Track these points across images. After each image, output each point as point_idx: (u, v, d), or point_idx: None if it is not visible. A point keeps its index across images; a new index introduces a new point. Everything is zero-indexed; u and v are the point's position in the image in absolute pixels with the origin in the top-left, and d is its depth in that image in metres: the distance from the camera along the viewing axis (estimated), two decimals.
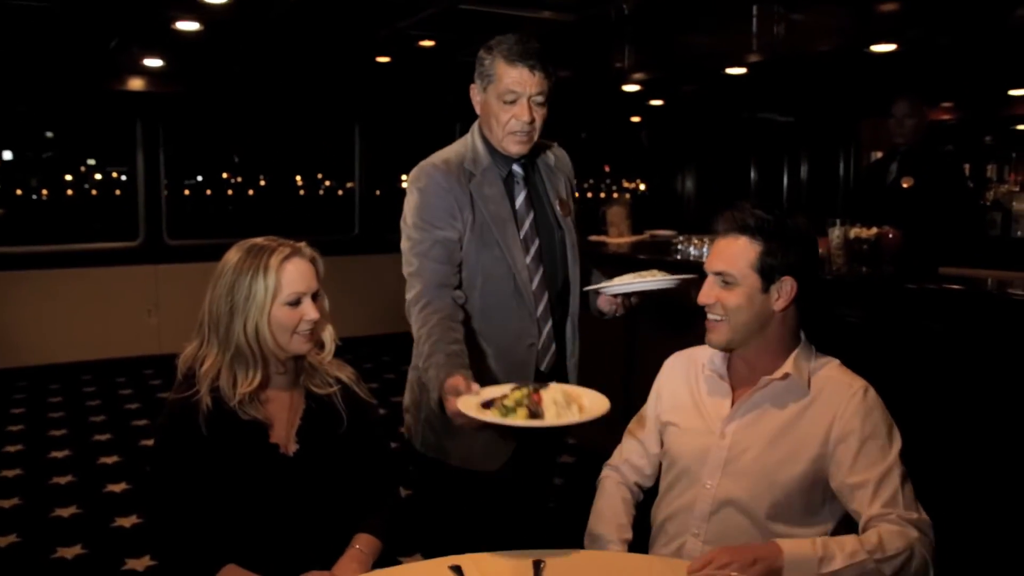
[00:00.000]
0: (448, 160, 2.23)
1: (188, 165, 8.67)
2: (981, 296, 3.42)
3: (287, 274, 1.85)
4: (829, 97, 7.84)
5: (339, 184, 9.66)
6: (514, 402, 1.69)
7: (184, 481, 1.80)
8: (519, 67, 2.12)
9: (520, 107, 2.14)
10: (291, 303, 1.85)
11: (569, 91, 7.65)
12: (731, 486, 1.81)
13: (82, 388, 6.57)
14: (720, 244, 1.83)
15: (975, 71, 6.56)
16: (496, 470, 2.23)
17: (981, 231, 6.13)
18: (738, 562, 1.50)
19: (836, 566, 1.56)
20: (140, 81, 6.97)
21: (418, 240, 2.17)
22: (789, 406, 1.81)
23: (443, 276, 2.15)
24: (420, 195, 2.19)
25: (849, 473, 1.72)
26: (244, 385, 1.84)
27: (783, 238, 1.79)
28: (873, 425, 1.76)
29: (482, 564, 1.62)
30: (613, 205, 5.63)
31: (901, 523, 1.65)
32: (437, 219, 2.17)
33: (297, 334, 1.87)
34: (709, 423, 1.88)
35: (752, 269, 1.78)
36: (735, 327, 1.82)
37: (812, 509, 1.78)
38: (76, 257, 7.02)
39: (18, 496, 4.34)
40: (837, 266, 3.92)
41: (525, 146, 2.21)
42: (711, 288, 1.83)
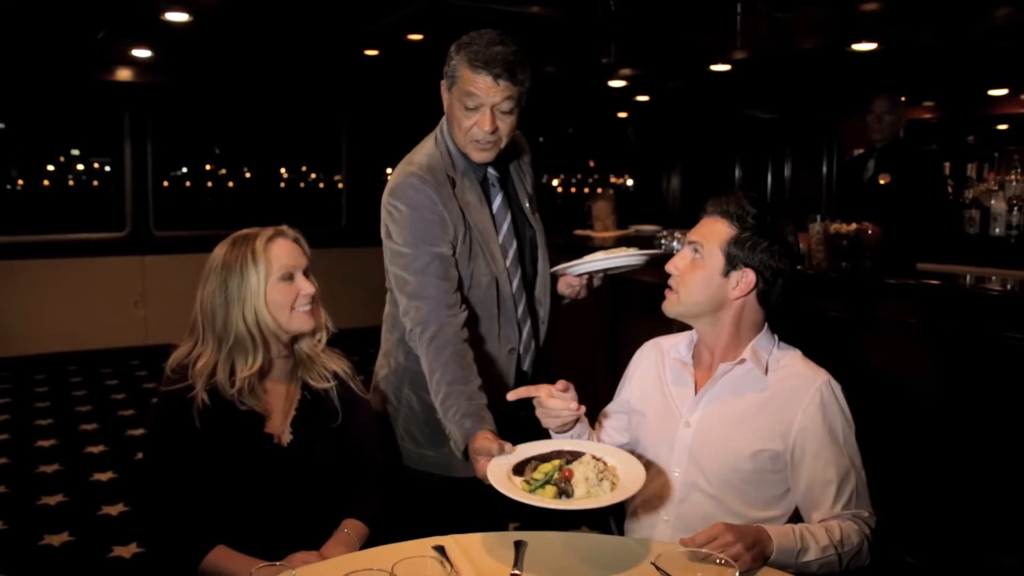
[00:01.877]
0: (432, 168, 2.10)
1: (174, 156, 8.65)
2: (958, 291, 3.49)
3: (274, 252, 1.89)
4: (812, 95, 7.89)
5: (326, 176, 9.66)
6: (544, 475, 1.63)
7: (176, 470, 1.83)
8: (482, 74, 1.97)
9: (482, 116, 2.01)
10: (284, 278, 1.89)
11: (556, 86, 7.69)
12: (697, 473, 1.86)
13: (68, 378, 6.57)
14: (704, 220, 1.88)
15: (957, 70, 6.63)
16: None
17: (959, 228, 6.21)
18: (741, 542, 1.54)
19: (810, 557, 1.66)
20: (128, 72, 6.96)
21: (414, 257, 2.04)
22: (748, 394, 1.85)
23: (447, 295, 2.04)
24: (411, 211, 2.05)
25: (811, 471, 1.79)
26: (244, 370, 1.87)
27: (758, 232, 1.82)
28: (832, 423, 1.81)
29: (464, 544, 1.66)
30: (598, 200, 5.69)
31: (857, 521, 1.77)
32: (431, 235, 2.05)
33: (296, 310, 1.91)
34: (675, 411, 1.93)
35: (720, 249, 1.83)
36: (685, 303, 1.87)
37: (773, 498, 1.84)
38: (62, 247, 7.01)
39: (5, 484, 4.36)
40: (817, 260, 3.98)
41: (488, 154, 2.09)
42: (681, 258, 1.88)
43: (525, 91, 2.04)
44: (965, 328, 3.31)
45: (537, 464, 1.67)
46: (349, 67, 7.33)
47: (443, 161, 2.12)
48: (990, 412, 3.15)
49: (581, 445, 1.75)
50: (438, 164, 2.11)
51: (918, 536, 3.41)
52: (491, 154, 2.09)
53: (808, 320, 3.83)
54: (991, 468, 3.15)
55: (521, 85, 2.01)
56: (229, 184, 9.34)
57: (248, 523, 1.84)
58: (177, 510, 1.82)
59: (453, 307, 2.04)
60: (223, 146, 9.31)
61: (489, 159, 2.11)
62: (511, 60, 1.98)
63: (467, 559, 1.59)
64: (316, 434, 1.96)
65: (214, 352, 1.88)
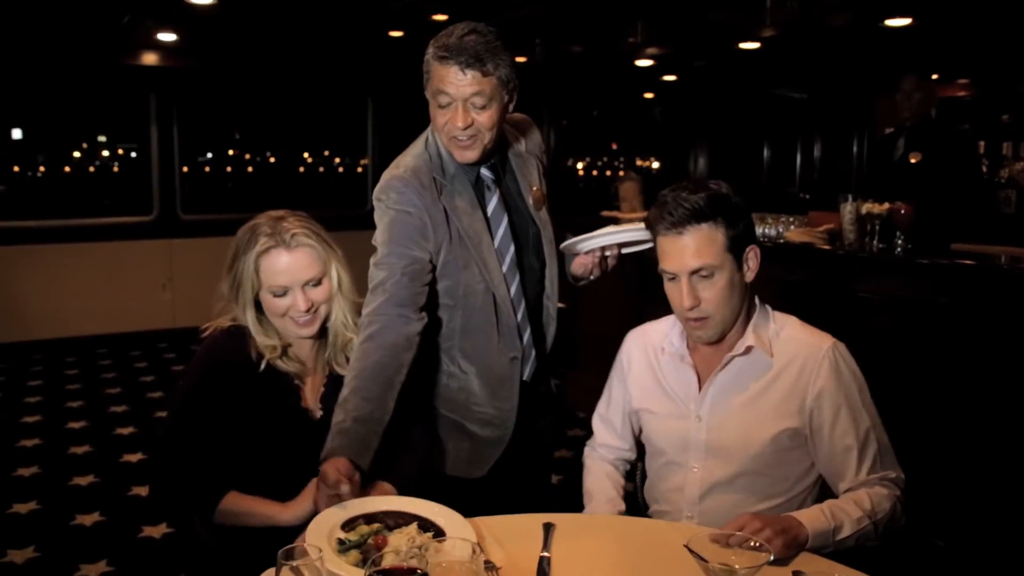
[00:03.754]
0: (418, 170, 1.98)
1: (201, 140, 8.68)
2: (992, 271, 3.43)
3: (264, 270, 1.83)
4: (843, 73, 7.77)
5: (351, 159, 9.67)
6: (359, 537, 1.49)
7: (207, 423, 1.82)
8: (448, 65, 1.83)
9: (453, 111, 1.87)
10: (276, 295, 1.84)
11: (581, 67, 7.63)
12: (717, 466, 1.81)
13: (98, 361, 6.64)
14: (680, 240, 1.71)
15: (992, 47, 6.49)
16: (482, 476, 2.13)
17: (994, 208, 6.11)
18: (769, 528, 1.50)
19: (846, 533, 1.62)
20: (154, 56, 6.98)
21: (386, 253, 1.95)
22: (755, 376, 1.79)
23: (409, 295, 1.93)
24: (392, 212, 1.97)
25: (830, 439, 1.75)
26: (267, 350, 1.87)
27: (734, 210, 1.73)
28: (847, 387, 1.76)
29: (492, 526, 1.64)
30: (625, 181, 5.65)
31: (886, 484, 1.73)
32: (408, 239, 1.95)
33: (289, 318, 1.85)
34: (681, 407, 1.86)
35: (726, 251, 1.72)
36: (724, 319, 1.76)
37: (797, 476, 1.80)
38: (91, 231, 7.07)
39: (37, 465, 4.41)
40: (849, 241, 3.92)
41: (472, 153, 1.94)
42: (691, 290, 1.72)
43: (501, 83, 1.87)
44: (1000, 309, 3.25)
45: (359, 524, 1.54)
46: (373, 48, 7.31)
47: (431, 164, 2.00)
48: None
49: (419, 508, 1.62)
50: (424, 167, 1.99)
51: (948, 519, 3.37)
52: (475, 152, 1.94)
53: (838, 301, 3.79)
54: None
55: (492, 76, 1.85)
56: (248, 169, 9.37)
57: (268, 485, 1.81)
58: (200, 459, 1.81)
59: (406, 308, 1.92)
60: (248, 130, 9.33)
61: (473, 158, 1.95)
62: (479, 49, 1.83)
63: (496, 541, 1.57)
64: None
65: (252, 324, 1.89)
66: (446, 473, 2.12)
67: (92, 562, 3.35)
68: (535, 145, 2.18)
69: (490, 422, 2.09)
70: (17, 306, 6.73)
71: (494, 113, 1.89)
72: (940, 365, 3.40)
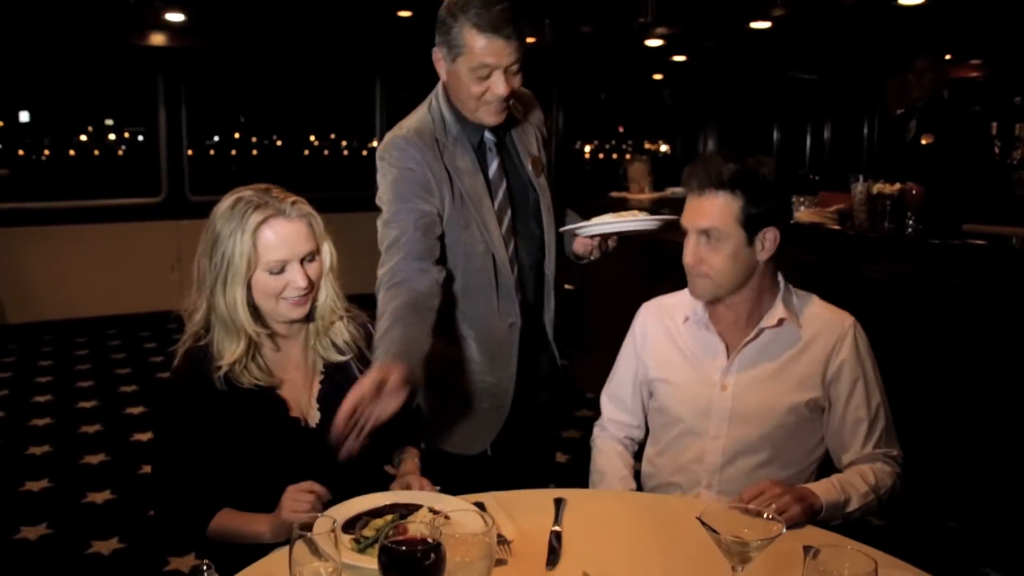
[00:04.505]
0: (420, 131, 2.03)
1: (207, 122, 8.66)
2: (1004, 252, 3.41)
3: (263, 241, 1.66)
4: (855, 54, 7.70)
5: (359, 142, 9.66)
6: (376, 532, 1.43)
7: (193, 439, 1.69)
8: (493, 38, 1.87)
9: (496, 81, 1.92)
10: (273, 272, 1.68)
11: (590, 47, 7.57)
12: (739, 435, 1.82)
13: (107, 342, 6.67)
14: (699, 201, 1.78)
15: (1006, 28, 6.43)
16: (486, 454, 2.15)
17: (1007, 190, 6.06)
18: (790, 494, 1.56)
19: (853, 507, 1.70)
20: (162, 36, 6.96)
21: (395, 211, 1.98)
22: (783, 349, 1.83)
23: (425, 248, 1.95)
24: (395, 170, 2.01)
25: (843, 411, 1.81)
26: (228, 355, 1.69)
27: (760, 188, 1.76)
28: (864, 364, 1.83)
29: (504, 501, 1.65)
30: (634, 162, 5.63)
31: (888, 461, 1.82)
32: (414, 195, 1.98)
33: (284, 299, 1.70)
34: (706, 376, 1.87)
35: (736, 222, 1.75)
36: (720, 284, 1.80)
37: (810, 448, 1.85)
38: (100, 213, 7.09)
39: (49, 444, 4.44)
40: (859, 221, 3.91)
41: (501, 116, 2.01)
42: (696, 247, 1.79)
43: (526, 47, 1.96)
44: (1011, 290, 3.23)
45: (368, 520, 1.50)
46: (382, 28, 7.28)
47: (433, 126, 2.04)
48: None
49: (419, 497, 1.62)
50: (427, 128, 2.04)
51: (960, 501, 3.37)
52: (502, 116, 2.01)
53: (848, 281, 3.78)
54: None
55: (524, 39, 1.94)
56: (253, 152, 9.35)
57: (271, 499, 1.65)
58: (190, 478, 1.69)
59: (425, 261, 1.95)
60: (255, 112, 9.32)
61: (502, 120, 2.02)
62: (514, 18, 1.89)
63: (507, 515, 1.58)
64: None
65: (211, 320, 1.72)
66: (445, 450, 2.13)
67: (104, 539, 3.38)
68: (534, 114, 2.21)
69: (489, 391, 2.10)
70: (27, 287, 6.76)
71: (522, 75, 1.96)
72: (951, 346, 3.39)
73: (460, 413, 2.13)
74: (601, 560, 1.44)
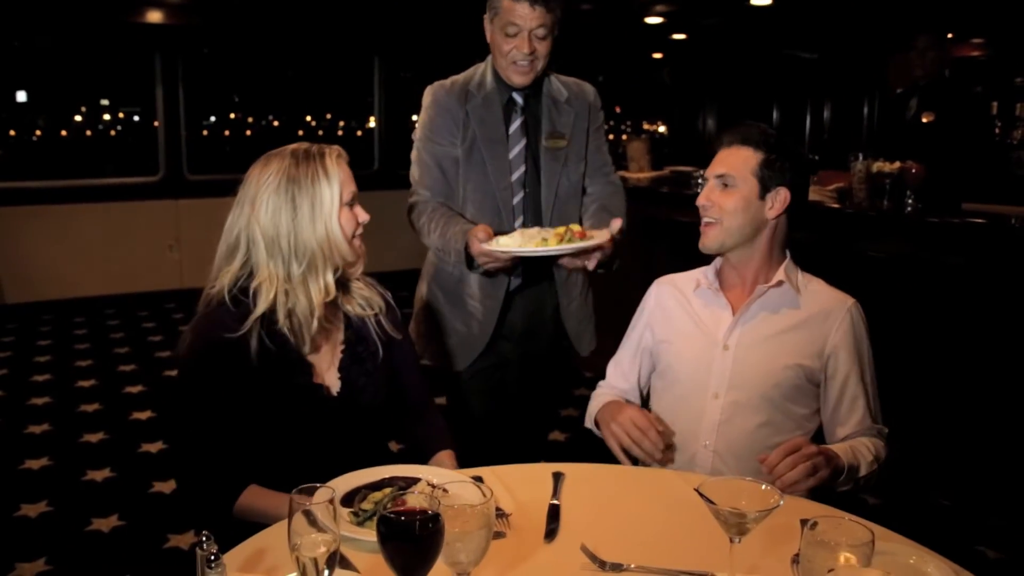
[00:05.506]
0: (456, 81, 2.42)
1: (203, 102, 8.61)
2: (1003, 231, 3.40)
3: (345, 172, 1.76)
4: (855, 32, 7.66)
5: (356, 122, 9.63)
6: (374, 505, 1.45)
7: (218, 410, 1.71)
8: (521, 2, 2.23)
9: (520, 39, 2.27)
10: (349, 203, 1.77)
11: (589, 27, 7.52)
12: (739, 394, 1.88)
13: (106, 321, 6.67)
14: (725, 153, 1.91)
15: (1008, 7, 6.39)
16: (465, 369, 2.48)
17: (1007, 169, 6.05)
18: (823, 455, 1.64)
19: (862, 473, 1.78)
20: (159, 14, 6.91)
21: (423, 150, 2.40)
22: (783, 311, 1.90)
23: (441, 186, 2.39)
24: (427, 112, 2.40)
25: (842, 387, 1.88)
26: (321, 294, 1.74)
27: (783, 152, 1.88)
28: (860, 343, 1.90)
29: (502, 475, 1.65)
30: (634, 141, 5.61)
31: (880, 435, 1.89)
32: (440, 136, 2.38)
33: (355, 238, 1.79)
34: (710, 335, 1.93)
35: (752, 175, 1.87)
36: (728, 229, 1.89)
37: (804, 417, 1.91)
38: (98, 192, 7.07)
39: (48, 422, 4.45)
40: (859, 199, 3.90)
41: (526, 77, 2.33)
42: (710, 191, 1.90)
43: (558, 19, 2.30)
44: (1010, 269, 3.23)
45: (367, 493, 1.51)
46: (381, 8, 7.23)
47: (473, 79, 2.41)
48: None
49: (417, 470, 1.63)
50: (464, 80, 2.42)
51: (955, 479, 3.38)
52: (529, 76, 2.34)
53: (848, 259, 3.77)
54: None
55: (554, 12, 2.27)
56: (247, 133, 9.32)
57: (288, 468, 1.69)
58: (216, 449, 1.71)
59: (450, 199, 2.39)
60: (251, 92, 9.28)
61: (527, 81, 2.35)
62: None
63: (506, 489, 1.58)
64: (363, 380, 1.84)
65: (279, 279, 1.72)
66: (430, 364, 2.45)
67: (104, 516, 3.40)
68: (582, 102, 2.49)
69: (474, 316, 2.44)
70: (25, 267, 6.75)
71: (550, 43, 2.32)
72: (949, 324, 3.39)
73: (448, 332, 2.48)
74: (599, 533, 1.44)
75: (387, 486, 1.54)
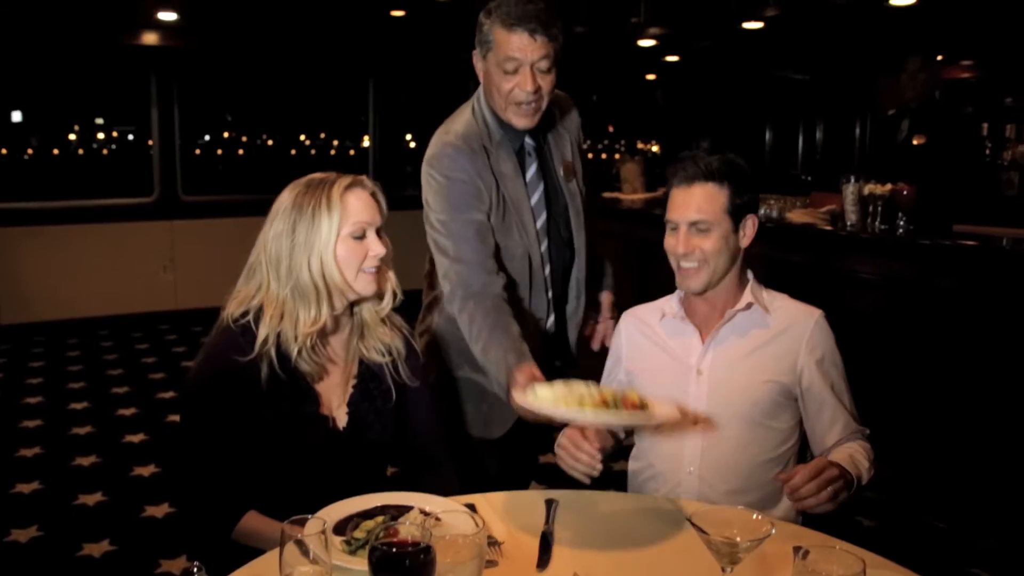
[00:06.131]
0: (468, 137, 2.08)
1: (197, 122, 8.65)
2: (994, 253, 3.42)
3: (350, 204, 1.72)
4: (846, 54, 7.73)
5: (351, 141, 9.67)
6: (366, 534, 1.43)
7: (222, 432, 1.69)
8: (518, 32, 1.94)
9: (522, 76, 1.97)
10: (356, 236, 1.73)
11: (583, 48, 7.58)
12: (718, 418, 1.87)
13: (99, 343, 6.65)
14: (688, 193, 1.84)
15: (997, 29, 6.46)
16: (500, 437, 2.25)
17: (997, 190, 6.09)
18: (844, 478, 1.62)
19: (865, 480, 1.77)
20: (155, 35, 6.94)
21: (448, 222, 2.06)
22: (753, 333, 1.89)
23: (486, 260, 2.04)
24: (446, 180, 2.06)
25: (821, 399, 1.87)
26: (307, 324, 1.71)
27: (743, 179, 1.86)
28: (833, 354, 1.90)
29: (495, 502, 1.65)
30: (627, 162, 5.63)
31: (865, 437, 1.89)
32: (467, 204, 2.05)
33: (363, 272, 1.75)
34: (682, 362, 1.92)
35: (724, 212, 1.84)
36: (714, 270, 1.86)
37: (785, 433, 1.89)
38: (92, 213, 7.05)
39: (40, 446, 4.42)
40: (851, 222, 3.92)
41: (531, 119, 2.05)
42: (687, 238, 1.85)
43: (560, 47, 2.00)
44: (1002, 290, 3.24)
45: (359, 522, 1.50)
46: (375, 28, 7.27)
47: (479, 131, 2.09)
48: None
49: (409, 498, 1.60)
50: (474, 133, 2.09)
51: (950, 502, 3.38)
52: (534, 119, 2.05)
53: (840, 281, 3.79)
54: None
55: (556, 41, 1.98)
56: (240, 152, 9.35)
57: (289, 496, 1.68)
58: (217, 474, 1.69)
59: (492, 272, 2.04)
60: (245, 112, 9.31)
61: (532, 124, 2.06)
62: (544, 16, 1.95)
63: (498, 517, 1.58)
64: (371, 417, 1.82)
65: (279, 300, 1.72)
66: (467, 432, 2.24)
67: (95, 541, 3.37)
68: (571, 121, 2.28)
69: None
70: (19, 287, 6.73)
71: (554, 77, 2.01)
72: (941, 346, 3.40)
73: (481, 403, 2.23)
74: (592, 562, 1.44)
75: (379, 514, 1.53)
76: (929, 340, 3.44)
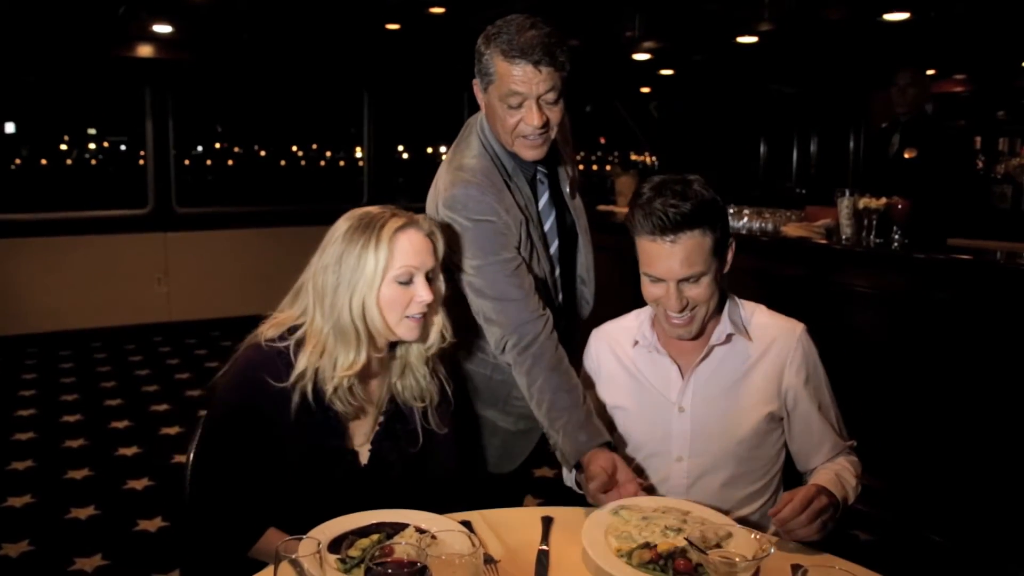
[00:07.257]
0: (487, 173, 1.95)
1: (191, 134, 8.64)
2: (988, 266, 3.43)
3: (399, 246, 1.66)
4: (840, 68, 7.77)
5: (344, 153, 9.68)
6: (361, 552, 1.41)
7: (246, 452, 1.67)
8: (521, 64, 1.79)
9: (528, 111, 1.83)
10: (402, 281, 1.67)
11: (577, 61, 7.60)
12: (702, 456, 1.81)
13: (92, 355, 6.62)
14: (670, 250, 1.69)
15: (989, 42, 6.49)
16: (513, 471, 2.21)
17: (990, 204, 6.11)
18: (834, 507, 1.59)
19: (851, 500, 1.74)
20: (149, 48, 6.94)
21: (482, 266, 1.92)
22: (739, 364, 1.82)
23: (529, 298, 1.91)
24: (472, 224, 1.91)
25: (807, 418, 1.81)
26: (344, 368, 1.67)
27: (718, 213, 1.74)
28: (816, 369, 1.83)
29: (491, 520, 1.64)
30: (622, 175, 5.65)
31: (852, 451, 1.85)
32: (499, 244, 1.91)
33: (407, 318, 1.69)
34: (662, 399, 1.85)
35: (711, 255, 1.73)
36: (707, 311, 1.78)
37: (770, 459, 1.85)
38: (86, 224, 7.04)
39: (32, 459, 4.40)
40: (846, 236, 3.92)
41: (540, 150, 1.91)
42: (679, 294, 1.72)
43: (567, 75, 1.85)
44: (996, 304, 3.25)
45: (354, 539, 1.48)
46: (370, 41, 7.29)
47: (495, 166, 1.97)
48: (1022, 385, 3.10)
49: (406, 516, 1.58)
50: (491, 169, 1.96)
51: (947, 516, 3.37)
52: (542, 150, 1.92)
53: (835, 295, 3.80)
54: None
55: (563, 69, 1.83)
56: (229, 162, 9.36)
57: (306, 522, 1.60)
58: (240, 489, 1.66)
59: (537, 309, 1.91)
60: (238, 124, 9.32)
61: (541, 155, 1.93)
62: (549, 43, 1.79)
63: (494, 534, 1.57)
64: (393, 456, 1.78)
65: (322, 336, 1.67)
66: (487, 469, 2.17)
67: (87, 556, 3.35)
68: (562, 132, 2.13)
69: (524, 415, 2.06)
70: (11, 299, 6.70)
71: (562, 107, 1.86)
72: (936, 359, 3.40)
73: (492, 438, 2.16)
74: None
75: (374, 532, 1.52)
76: (924, 353, 3.44)
